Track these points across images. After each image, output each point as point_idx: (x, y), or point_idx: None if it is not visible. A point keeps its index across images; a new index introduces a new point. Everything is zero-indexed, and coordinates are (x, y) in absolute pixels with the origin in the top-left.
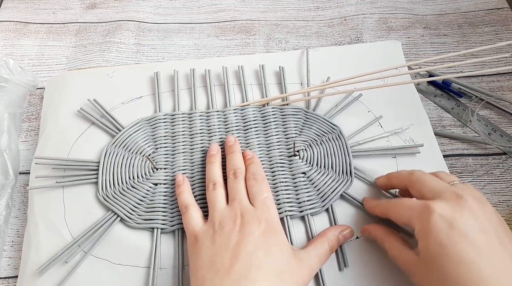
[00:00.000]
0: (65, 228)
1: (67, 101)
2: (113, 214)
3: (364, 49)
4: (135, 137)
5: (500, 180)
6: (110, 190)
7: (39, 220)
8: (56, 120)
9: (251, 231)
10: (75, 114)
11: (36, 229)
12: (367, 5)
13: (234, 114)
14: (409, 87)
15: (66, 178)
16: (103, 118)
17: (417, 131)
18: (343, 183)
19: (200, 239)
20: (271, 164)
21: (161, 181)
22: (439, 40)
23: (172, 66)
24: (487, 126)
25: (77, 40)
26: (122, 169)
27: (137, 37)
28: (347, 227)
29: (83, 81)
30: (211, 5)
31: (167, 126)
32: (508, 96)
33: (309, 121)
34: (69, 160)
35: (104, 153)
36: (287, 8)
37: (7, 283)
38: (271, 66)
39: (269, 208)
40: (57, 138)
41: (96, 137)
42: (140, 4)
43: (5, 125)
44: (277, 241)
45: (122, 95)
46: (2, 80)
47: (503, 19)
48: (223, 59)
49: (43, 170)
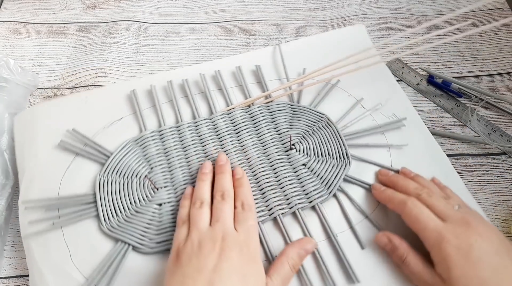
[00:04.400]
0: (75, 269)
1: (43, 136)
2: (124, 244)
3: (332, 36)
4: (127, 160)
5: (499, 180)
6: (114, 220)
7: (44, 268)
8: (35, 159)
9: (229, 257)
10: (55, 148)
11: (42, 278)
12: (367, 5)
13: (222, 119)
14: (381, 67)
15: (63, 217)
16: (87, 146)
17: (397, 105)
18: (343, 167)
19: (179, 256)
20: (270, 162)
21: (165, 200)
22: (439, 40)
23: (147, 81)
24: (487, 126)
25: (77, 40)
26: (121, 196)
27: (137, 37)
28: (308, 240)
29: (56, 112)
30: (211, 5)
31: (157, 143)
32: (508, 96)
33: (296, 114)
34: (62, 198)
35: (98, 183)
36: (287, 8)
37: (7, 283)
38: (247, 66)
39: (252, 236)
40: (41, 177)
41: (84, 168)
42: (140, 4)
43: (6, 125)
44: (254, 271)
45: (101, 120)
46: (3, 80)
47: (503, 19)
48: (198, 66)
49: (34, 213)
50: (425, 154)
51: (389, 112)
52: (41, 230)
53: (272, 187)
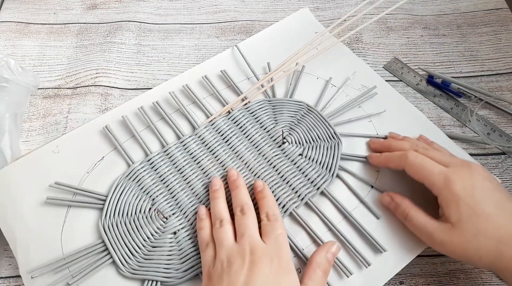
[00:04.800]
0: None
1: (24, 197)
2: (151, 282)
3: (281, 25)
4: (125, 198)
5: (499, 179)
6: (132, 261)
7: None
8: (23, 222)
9: (261, 269)
10: (42, 206)
11: None
12: (367, 5)
13: (207, 131)
14: (338, 46)
15: (77, 275)
16: (77, 196)
17: (364, 77)
18: (336, 146)
19: (211, 278)
20: (268, 160)
21: (178, 227)
22: (439, 40)
23: (118, 113)
24: (486, 126)
25: (78, 40)
26: (132, 236)
27: (137, 38)
28: (331, 244)
29: (30, 170)
30: (212, 5)
31: (150, 172)
32: (507, 96)
33: (277, 108)
34: (69, 255)
35: (103, 230)
36: (287, 9)
37: (8, 283)
38: (213, 73)
39: (282, 245)
40: (37, 240)
41: (81, 218)
42: (140, 5)
43: (6, 125)
44: (288, 281)
45: (82, 165)
46: (3, 81)
47: (502, 19)
48: (163, 86)
49: (42, 280)
50: (403, 114)
51: (358, 84)
52: None
53: (278, 184)
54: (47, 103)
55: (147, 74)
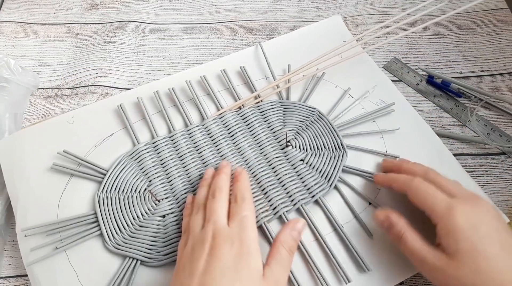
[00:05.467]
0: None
1: (33, 161)
2: (131, 260)
3: (311, 30)
4: (124, 176)
5: (499, 180)
6: (118, 237)
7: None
8: (27, 185)
9: (220, 255)
10: (47, 171)
11: None
12: (367, 5)
13: (215, 124)
14: (363, 56)
15: (65, 240)
16: (81, 167)
17: (384, 91)
18: (340, 158)
19: (178, 266)
20: (268, 161)
21: (168, 211)
22: (438, 41)
23: (133, 94)
24: (486, 126)
25: (78, 40)
26: (123, 212)
27: (137, 38)
28: (296, 220)
29: (43, 136)
30: (211, 5)
31: (152, 155)
32: (507, 96)
33: (288, 111)
34: (62, 220)
35: (97, 202)
36: (287, 9)
37: (8, 282)
38: (232, 68)
39: (246, 228)
40: (37, 203)
41: (81, 188)
42: (140, 5)
43: (6, 125)
44: (248, 264)
45: (91, 138)
46: (3, 81)
47: (502, 19)
48: (182, 74)
49: (34, 240)
50: (417, 136)
51: (376, 99)
52: (45, 256)
53: (273, 186)
54: (47, 103)
55: (147, 74)
